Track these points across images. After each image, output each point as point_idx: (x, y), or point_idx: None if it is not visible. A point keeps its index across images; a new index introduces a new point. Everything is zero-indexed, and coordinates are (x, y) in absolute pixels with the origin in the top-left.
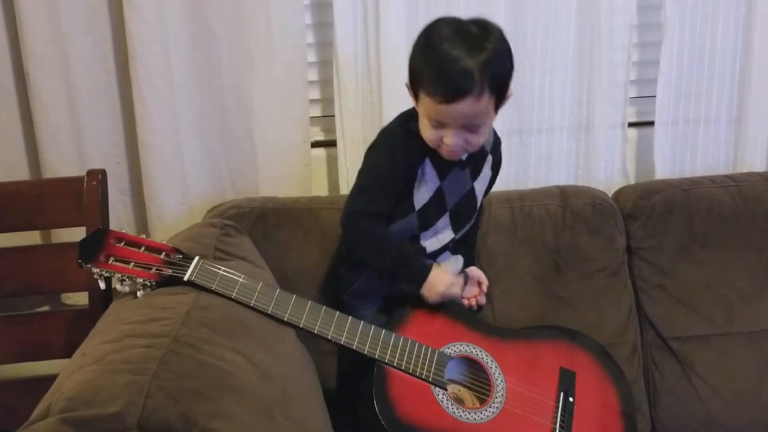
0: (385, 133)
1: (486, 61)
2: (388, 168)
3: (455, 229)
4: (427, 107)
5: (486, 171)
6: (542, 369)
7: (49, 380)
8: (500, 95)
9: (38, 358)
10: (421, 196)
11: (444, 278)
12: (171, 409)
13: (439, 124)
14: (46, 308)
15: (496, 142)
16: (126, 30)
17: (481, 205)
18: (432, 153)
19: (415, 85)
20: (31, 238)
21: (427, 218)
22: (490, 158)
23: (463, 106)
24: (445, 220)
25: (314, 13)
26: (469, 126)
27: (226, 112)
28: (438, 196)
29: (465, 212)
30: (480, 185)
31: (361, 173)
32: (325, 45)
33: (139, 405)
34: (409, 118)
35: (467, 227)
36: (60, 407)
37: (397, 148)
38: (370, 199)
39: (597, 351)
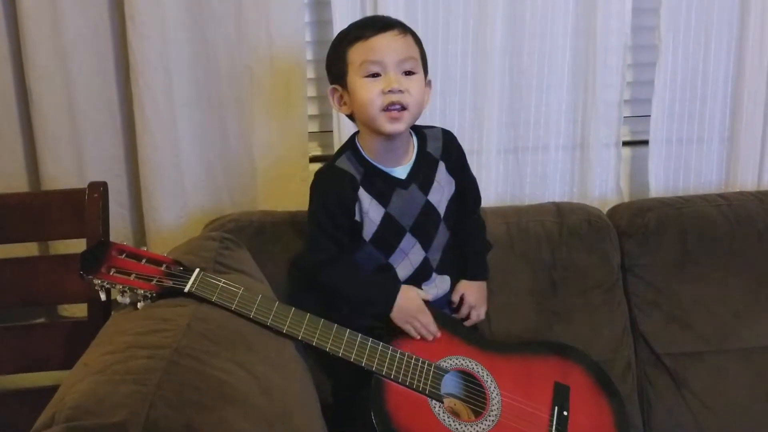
0: (316, 177)
1: (401, 21)
2: (324, 216)
3: (425, 246)
4: (360, 55)
5: (442, 179)
6: (537, 383)
7: (47, 391)
8: (423, 56)
9: (36, 370)
10: (369, 227)
11: (415, 301)
12: (174, 420)
13: (376, 73)
14: (42, 320)
15: (447, 141)
16: (128, 45)
17: (474, 216)
18: (367, 183)
19: (340, 62)
20: (28, 249)
21: (386, 244)
22: (442, 165)
23: (393, 38)
24: (408, 240)
25: (314, 30)
26: (405, 69)
27: (226, 126)
28: (388, 222)
29: (428, 226)
30: (438, 196)
31: (308, 222)
32: (324, 61)
33: (143, 415)
34: (337, 155)
35: (440, 240)
36: (64, 416)
37: (327, 192)
38: (320, 250)
39: (591, 367)
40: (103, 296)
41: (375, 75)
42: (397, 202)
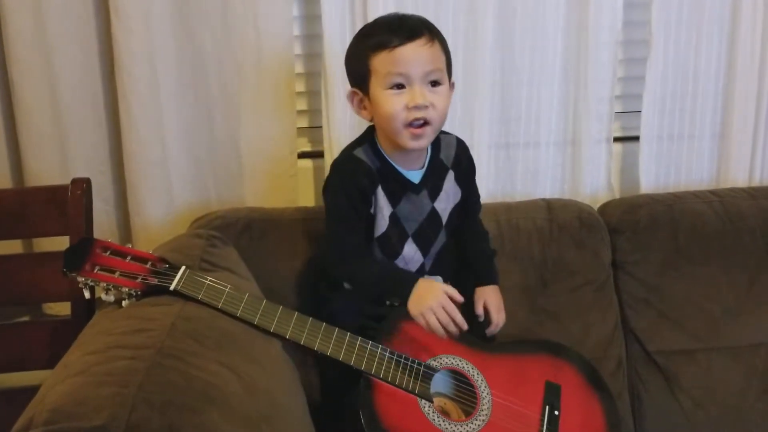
0: (334, 168)
1: (427, 21)
2: (345, 206)
3: (424, 251)
4: (384, 65)
5: (449, 188)
6: (528, 382)
7: (29, 391)
8: (449, 60)
9: (19, 369)
10: (379, 223)
11: (432, 292)
12: (156, 422)
13: (400, 84)
14: (26, 318)
15: (460, 151)
16: (113, 38)
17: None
18: (382, 178)
19: (362, 66)
20: (11, 246)
21: (390, 246)
22: (451, 174)
23: (420, 48)
24: (410, 246)
25: (302, 24)
26: (431, 80)
27: (213, 122)
28: (394, 223)
29: (429, 233)
30: (443, 204)
31: (326, 217)
32: (313, 56)
33: (124, 418)
34: (354, 146)
35: (438, 246)
36: (43, 419)
37: (347, 180)
38: (342, 243)
39: (582, 365)
40: (87, 294)
41: (399, 86)
42: (406, 205)
